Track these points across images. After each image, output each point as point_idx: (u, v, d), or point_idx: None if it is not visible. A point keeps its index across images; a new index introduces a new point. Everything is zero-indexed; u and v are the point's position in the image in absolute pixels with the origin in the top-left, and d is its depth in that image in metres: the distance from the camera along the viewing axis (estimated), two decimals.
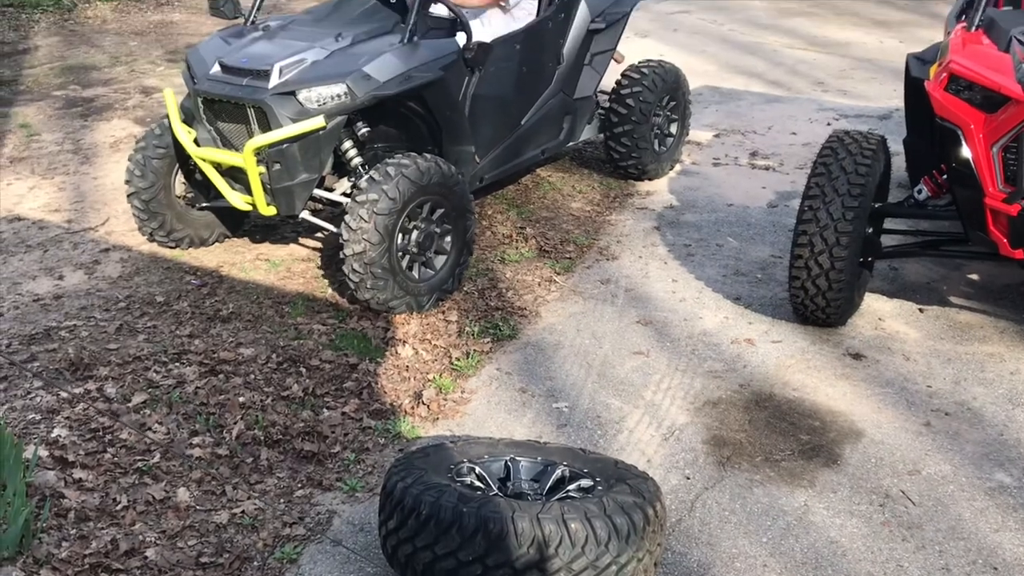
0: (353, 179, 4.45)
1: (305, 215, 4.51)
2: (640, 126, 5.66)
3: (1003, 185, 3.62)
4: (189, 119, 4.51)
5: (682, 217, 5.51)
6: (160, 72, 8.37)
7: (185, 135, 4.44)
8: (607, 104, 5.76)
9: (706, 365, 3.99)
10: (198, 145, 4.45)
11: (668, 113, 5.96)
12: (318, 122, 4.13)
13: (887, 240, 4.39)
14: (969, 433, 3.53)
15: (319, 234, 5.13)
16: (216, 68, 4.34)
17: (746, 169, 6.26)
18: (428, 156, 4.34)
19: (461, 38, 4.65)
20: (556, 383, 3.87)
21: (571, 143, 5.70)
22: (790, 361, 4.01)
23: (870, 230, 4.13)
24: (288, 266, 4.85)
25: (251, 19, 4.80)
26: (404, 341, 4.12)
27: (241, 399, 3.66)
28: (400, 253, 4.23)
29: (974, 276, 4.74)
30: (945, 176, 3.96)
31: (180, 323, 4.25)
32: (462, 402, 3.73)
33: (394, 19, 4.67)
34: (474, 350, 4.09)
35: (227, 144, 4.41)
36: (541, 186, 5.91)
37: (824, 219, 3.91)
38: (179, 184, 4.80)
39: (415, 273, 4.33)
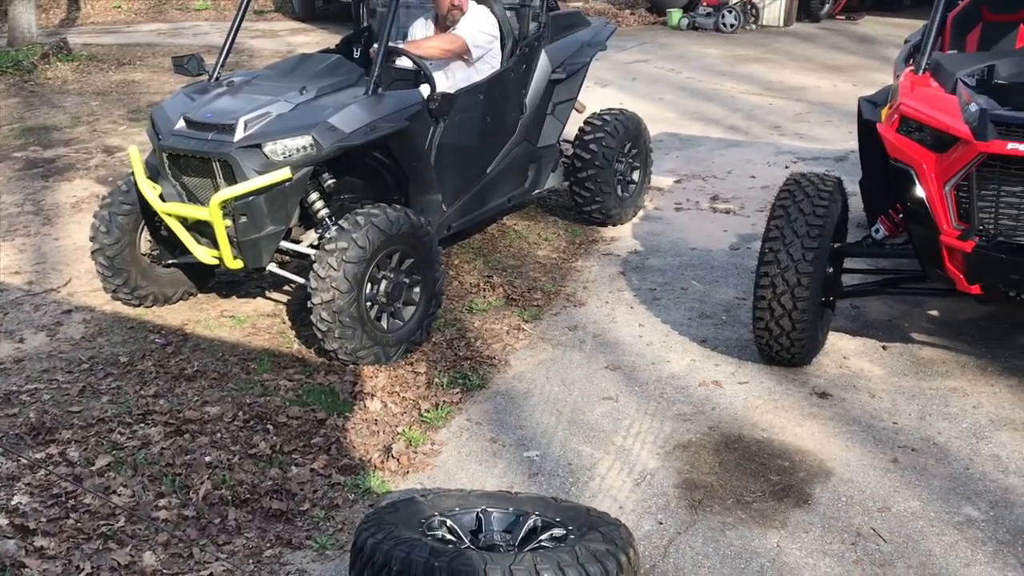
0: (320, 231, 4.45)
1: (272, 268, 4.50)
2: (603, 171, 5.75)
3: (957, 223, 3.70)
4: (154, 175, 4.49)
5: (647, 262, 5.56)
6: (122, 131, 8.36)
7: (150, 191, 4.43)
8: (571, 152, 5.85)
9: (675, 408, 4.00)
10: (164, 200, 4.43)
11: (630, 160, 6.06)
12: (284, 174, 4.14)
13: (848, 279, 4.46)
14: (936, 468, 3.56)
15: (285, 288, 5.11)
16: (181, 124, 4.36)
17: (708, 213, 6.35)
18: (397, 207, 4.38)
19: (425, 89, 4.72)
20: (527, 432, 3.86)
21: (536, 191, 5.78)
22: (758, 402, 4.04)
23: (830, 270, 4.19)
24: (253, 322, 4.81)
25: (215, 76, 4.84)
26: (372, 394, 4.10)
27: (207, 458, 3.60)
28: (369, 303, 4.21)
29: (934, 312, 4.82)
30: (901, 215, 4.05)
31: (144, 383, 4.20)
32: (432, 454, 3.70)
33: (358, 72, 4.74)
34: (443, 401, 4.07)
35: (193, 199, 4.40)
36: (507, 234, 5.95)
37: (785, 260, 3.97)
38: (144, 242, 4.77)
39: (383, 324, 4.31)
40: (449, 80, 5.10)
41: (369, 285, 4.20)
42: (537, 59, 5.45)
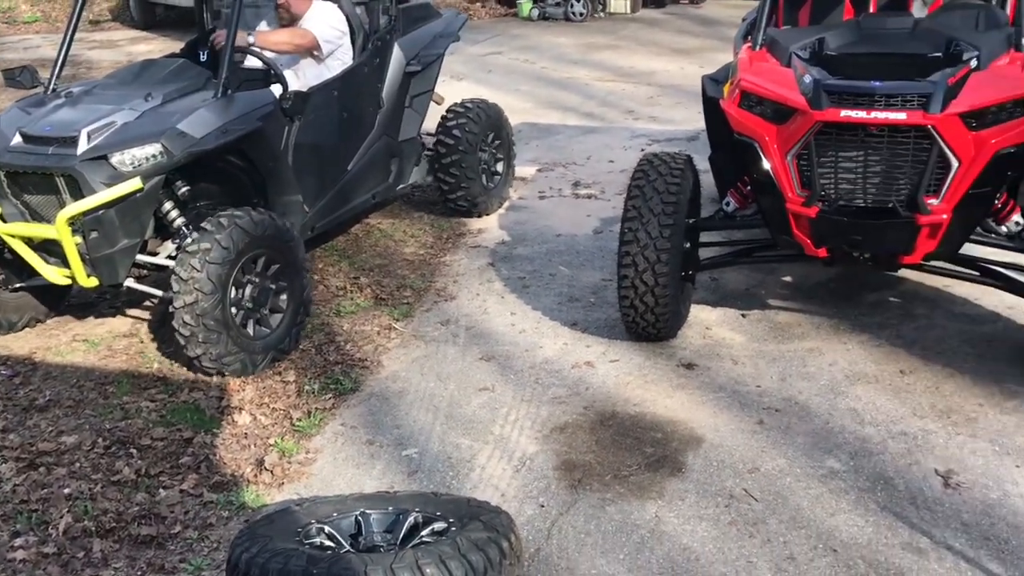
0: (177, 240, 4.31)
1: (130, 283, 4.32)
2: (467, 155, 5.76)
3: (800, 190, 3.86)
4: None
5: (515, 251, 5.59)
6: None
7: None
8: (433, 142, 5.83)
9: (550, 392, 4.04)
10: (4, 221, 4.18)
11: (493, 151, 6.09)
12: (135, 184, 3.98)
13: (705, 253, 4.60)
14: (799, 426, 3.72)
15: (143, 305, 4.89)
16: (17, 139, 4.14)
17: (570, 199, 6.44)
18: (260, 209, 4.28)
19: (277, 89, 4.62)
20: (404, 430, 3.81)
21: (401, 186, 5.71)
22: (628, 378, 4.12)
23: (688, 245, 4.31)
24: (109, 344, 4.58)
25: (51, 87, 4.62)
26: (240, 408, 3.96)
27: (67, 490, 3.40)
28: (234, 308, 4.08)
29: (788, 278, 5.03)
30: (749, 187, 4.20)
31: None
32: (307, 463, 3.61)
33: (205, 76, 4.62)
34: (316, 408, 3.98)
35: (37, 217, 4.17)
36: (372, 234, 5.87)
37: (644, 239, 4.05)
38: None
39: (250, 330, 4.19)
40: (301, 79, 4.98)
41: (234, 289, 4.07)
42: (390, 52, 5.43)
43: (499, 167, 6.17)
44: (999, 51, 3.89)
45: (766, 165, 3.89)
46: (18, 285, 4.52)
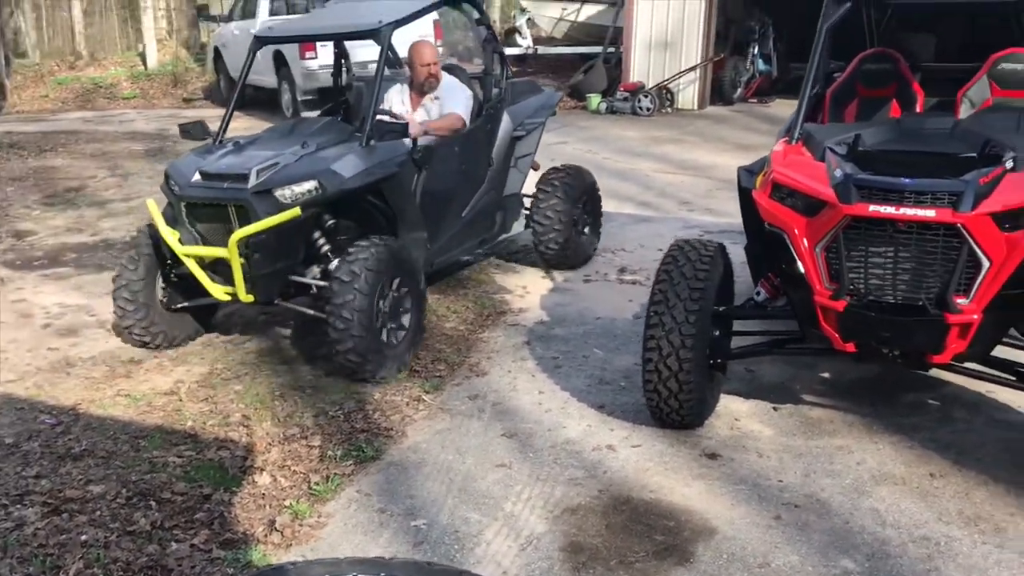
0: (323, 265, 5.13)
1: (280, 302, 5.08)
2: (563, 202, 6.45)
3: (829, 283, 3.84)
4: (171, 223, 5.00)
5: (552, 331, 5.63)
6: (35, 216, 8.29)
7: (170, 236, 4.91)
8: (533, 194, 6.55)
9: (567, 473, 4.02)
10: (182, 244, 4.92)
11: (582, 208, 6.73)
12: (294, 212, 4.71)
13: (739, 342, 4.56)
14: (817, 523, 3.61)
15: (185, 366, 5.06)
16: (197, 176, 4.93)
17: (614, 284, 6.48)
18: (398, 240, 5.10)
19: (409, 141, 5.39)
20: (416, 501, 3.82)
21: (504, 235, 6.50)
22: (648, 464, 4.07)
23: (716, 332, 4.29)
24: (149, 400, 4.74)
25: (219, 138, 5.49)
26: (262, 469, 4.04)
27: (83, 537, 3.50)
28: (377, 316, 4.76)
29: (825, 374, 4.95)
30: (779, 278, 4.18)
31: (27, 464, 4.09)
32: (318, 527, 3.65)
33: (349, 130, 5.43)
34: (335, 473, 4.03)
35: (207, 243, 4.93)
36: None
37: (669, 323, 4.06)
38: (158, 287, 5.28)
39: (384, 338, 4.85)
40: (428, 137, 5.66)
41: (379, 300, 4.78)
42: (500, 119, 6.26)
43: (587, 229, 6.82)
44: None
45: (795, 256, 3.88)
46: (180, 305, 5.32)
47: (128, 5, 22.83)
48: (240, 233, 4.68)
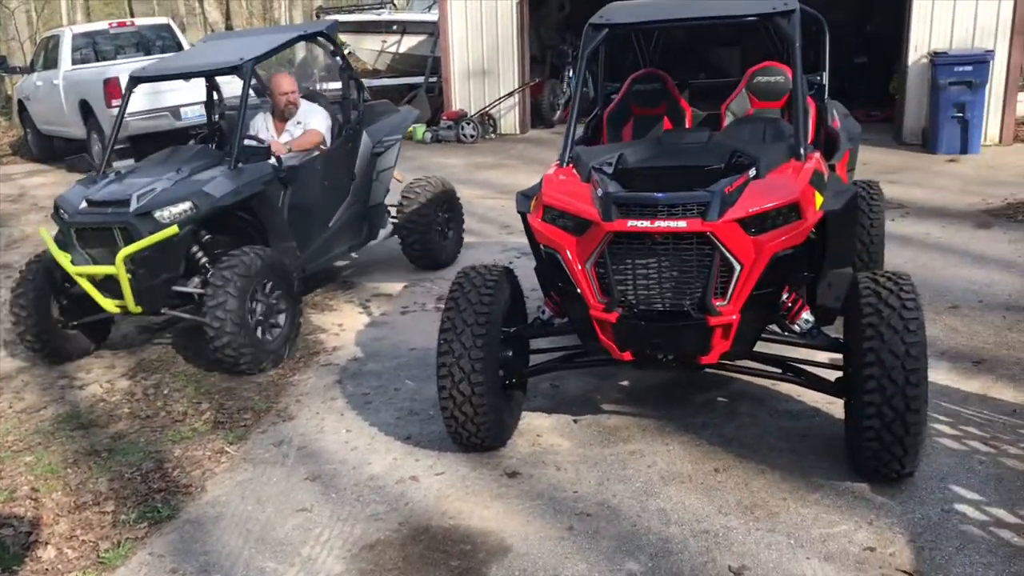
0: (201, 276, 5.71)
1: (166, 311, 5.68)
2: (426, 212, 7.24)
3: (601, 297, 4.00)
4: (63, 248, 5.61)
5: (365, 367, 5.62)
6: None
7: (63, 258, 5.54)
8: (399, 203, 7.26)
9: (368, 509, 4.01)
10: (74, 264, 5.52)
11: (446, 216, 7.54)
12: (172, 229, 5.40)
13: (537, 359, 4.68)
14: (607, 529, 3.74)
15: None
16: (84, 204, 5.60)
17: (432, 313, 6.53)
18: (270, 250, 5.73)
19: (274, 162, 6.10)
20: (211, 556, 3.74)
21: (372, 241, 7.17)
22: (450, 490, 4.12)
23: (509, 353, 4.40)
24: None
25: (102, 169, 6.12)
26: (47, 543, 3.86)
27: None
28: (250, 317, 5.39)
29: (624, 382, 5.14)
30: (559, 296, 4.33)
31: None
32: None
33: (219, 155, 6.13)
34: (127, 538, 3.89)
35: (96, 264, 5.54)
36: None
37: (458, 349, 4.14)
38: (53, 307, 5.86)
39: (259, 335, 5.50)
40: (290, 157, 6.37)
41: (251, 301, 5.41)
42: (360, 137, 6.97)
43: (450, 233, 7.61)
44: (779, 161, 4.14)
45: (569, 274, 4.03)
46: (75, 323, 5.93)
47: None
48: (126, 251, 5.32)
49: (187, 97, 11.96)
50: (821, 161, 4.36)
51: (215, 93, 7.06)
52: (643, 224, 3.81)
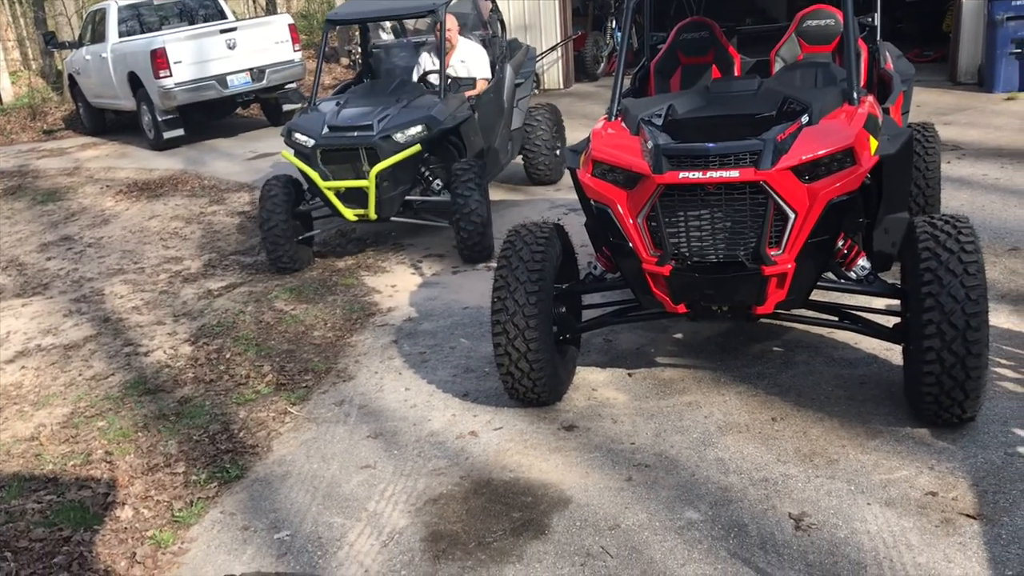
0: (423, 185, 6.89)
1: (395, 218, 6.88)
2: (543, 133, 8.41)
3: (654, 250, 4.00)
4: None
5: (420, 327, 5.70)
6: None
7: (314, 175, 6.55)
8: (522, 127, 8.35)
9: (430, 464, 4.10)
10: (324, 180, 6.56)
11: (555, 134, 8.59)
12: (416, 148, 6.52)
13: (590, 314, 4.70)
14: (665, 480, 3.78)
15: (51, 407, 4.95)
16: (326, 130, 6.54)
17: (482, 272, 6.57)
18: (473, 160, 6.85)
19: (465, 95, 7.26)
20: (280, 514, 3.86)
21: (513, 158, 8.26)
22: (509, 444, 4.19)
23: (563, 309, 4.43)
24: (8, 449, 4.64)
25: (312, 102, 7.15)
26: (124, 503, 4.02)
27: None
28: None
29: (678, 335, 5.15)
30: (610, 251, 4.33)
31: None
32: (180, 553, 3.65)
33: (418, 87, 7.25)
34: (199, 497, 4.03)
35: (339, 179, 6.56)
36: (284, 320, 5.98)
37: (512, 307, 4.17)
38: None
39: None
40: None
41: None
42: (506, 70, 7.92)
43: (557, 152, 8.57)
44: (832, 106, 4.08)
45: (620, 228, 4.03)
46: (300, 237, 6.88)
47: None
48: (380, 166, 6.37)
49: (233, 65, 12.06)
50: (874, 105, 4.28)
51: (367, 34, 8.36)
52: (695, 175, 3.78)
